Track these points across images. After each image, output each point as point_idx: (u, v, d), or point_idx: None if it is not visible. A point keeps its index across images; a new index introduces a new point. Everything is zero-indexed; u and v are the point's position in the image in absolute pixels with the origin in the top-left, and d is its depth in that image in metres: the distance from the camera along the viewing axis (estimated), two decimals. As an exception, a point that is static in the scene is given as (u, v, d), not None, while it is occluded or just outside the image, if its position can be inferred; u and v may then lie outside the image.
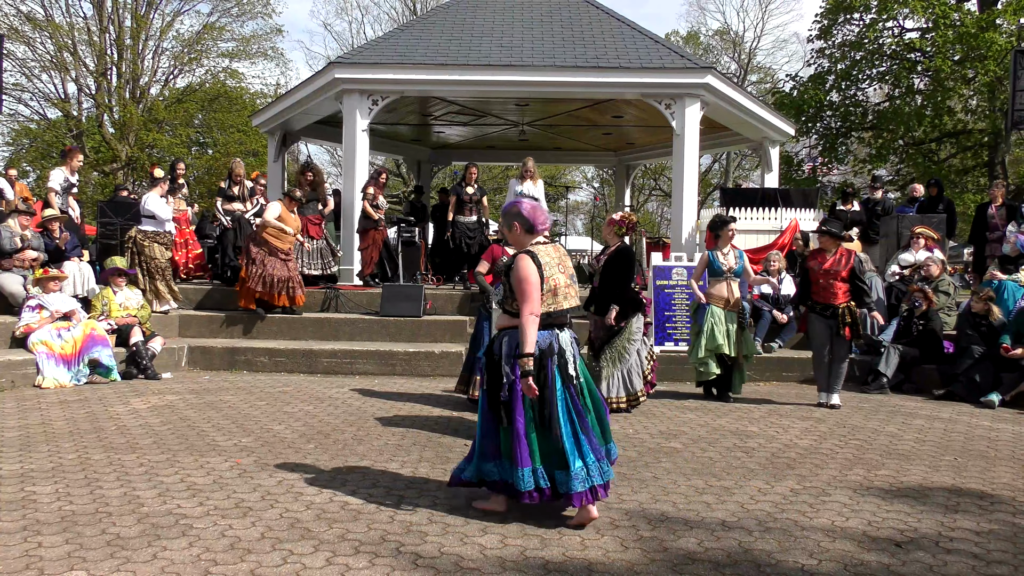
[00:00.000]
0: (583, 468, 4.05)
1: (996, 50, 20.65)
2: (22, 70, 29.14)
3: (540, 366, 4.06)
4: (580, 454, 4.07)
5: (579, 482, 4.03)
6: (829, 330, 7.74)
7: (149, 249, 10.01)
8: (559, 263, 4.16)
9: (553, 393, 4.08)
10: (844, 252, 7.72)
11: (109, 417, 6.58)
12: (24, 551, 3.64)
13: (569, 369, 4.15)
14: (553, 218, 14.62)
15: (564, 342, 4.17)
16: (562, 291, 4.12)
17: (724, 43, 42.06)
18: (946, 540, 4.06)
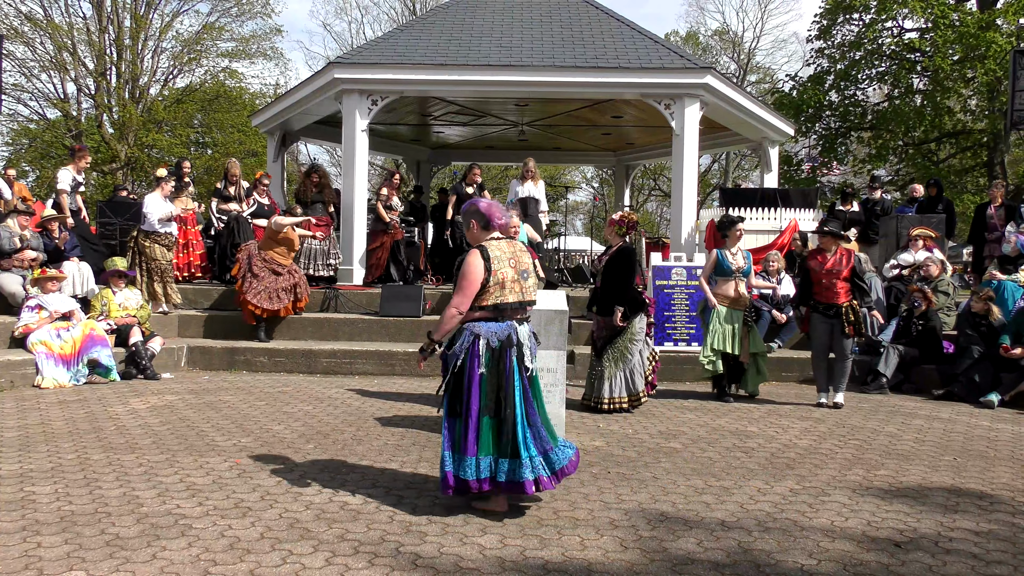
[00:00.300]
0: (528, 458, 4.19)
1: (996, 50, 20.66)
2: (21, 70, 29.14)
3: (500, 357, 4.22)
4: (526, 445, 4.21)
5: (528, 471, 4.17)
6: (831, 330, 7.77)
7: (150, 250, 10.00)
8: (511, 258, 4.28)
9: (511, 384, 4.23)
10: (844, 252, 7.76)
11: (108, 417, 6.58)
12: (23, 551, 3.64)
13: (526, 361, 4.31)
14: (552, 218, 14.62)
15: (522, 335, 4.31)
16: (508, 285, 4.23)
17: (723, 43, 42.07)
18: (945, 540, 4.06)
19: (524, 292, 4.32)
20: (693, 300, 9.66)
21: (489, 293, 4.20)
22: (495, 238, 4.34)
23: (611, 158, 19.47)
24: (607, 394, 7.19)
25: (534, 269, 4.47)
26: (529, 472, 4.17)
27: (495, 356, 4.21)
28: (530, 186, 11.92)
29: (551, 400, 6.02)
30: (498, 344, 4.22)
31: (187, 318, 10.27)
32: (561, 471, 4.32)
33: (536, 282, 4.49)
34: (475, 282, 4.17)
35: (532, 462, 4.20)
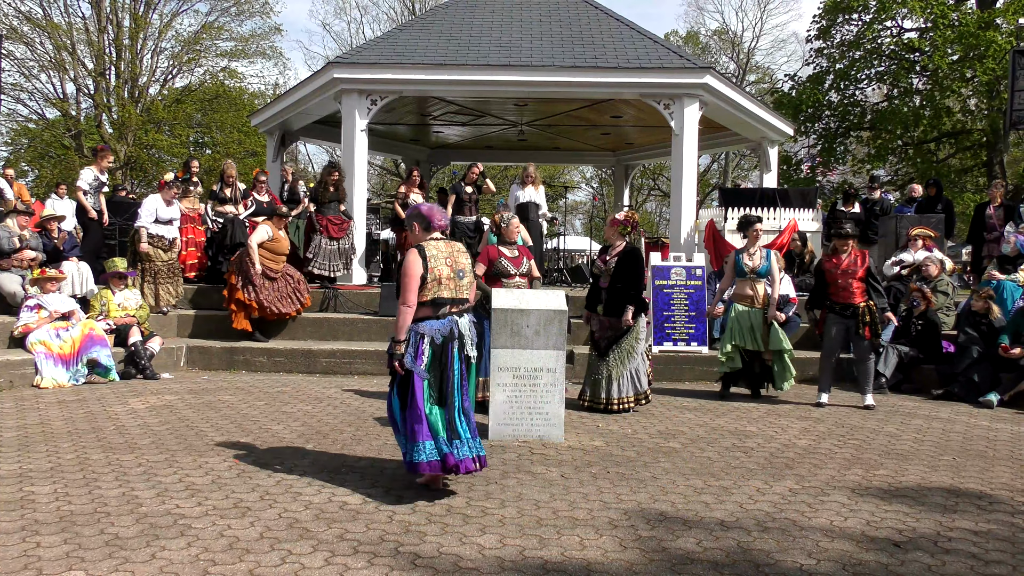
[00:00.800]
0: (467, 440, 4.62)
1: (995, 50, 20.67)
2: (21, 70, 29.15)
3: (442, 350, 4.60)
4: (462, 428, 4.64)
5: (469, 449, 4.60)
6: (847, 331, 7.76)
7: (140, 246, 9.93)
8: (447, 257, 4.63)
9: (451, 373, 4.63)
10: (858, 252, 7.79)
11: (108, 417, 6.58)
12: (22, 551, 3.64)
13: (467, 350, 4.71)
14: (551, 216, 14.62)
15: (463, 327, 4.70)
16: (444, 281, 4.59)
17: (722, 43, 42.09)
18: (944, 540, 4.06)
19: (458, 290, 4.67)
20: (692, 300, 9.66)
21: (428, 289, 4.55)
22: (434, 238, 4.70)
23: (610, 158, 19.47)
24: (616, 394, 7.20)
25: (472, 269, 4.83)
26: (468, 451, 4.59)
27: (437, 352, 4.59)
28: (530, 191, 11.93)
29: (550, 400, 6.04)
30: (441, 340, 4.60)
31: (186, 318, 10.27)
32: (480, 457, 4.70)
33: (472, 281, 4.82)
34: (415, 277, 4.51)
35: (469, 444, 4.62)
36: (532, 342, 6.01)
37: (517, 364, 6.02)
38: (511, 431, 6.04)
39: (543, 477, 5.06)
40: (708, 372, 9.25)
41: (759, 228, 8.28)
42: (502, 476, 5.06)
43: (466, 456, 4.56)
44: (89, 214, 10.54)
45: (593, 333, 7.41)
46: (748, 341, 8.06)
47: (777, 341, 8.04)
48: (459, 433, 4.60)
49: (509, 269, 7.06)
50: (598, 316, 7.35)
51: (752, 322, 8.07)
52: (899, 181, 25.67)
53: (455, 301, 4.65)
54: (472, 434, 4.68)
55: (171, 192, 10.29)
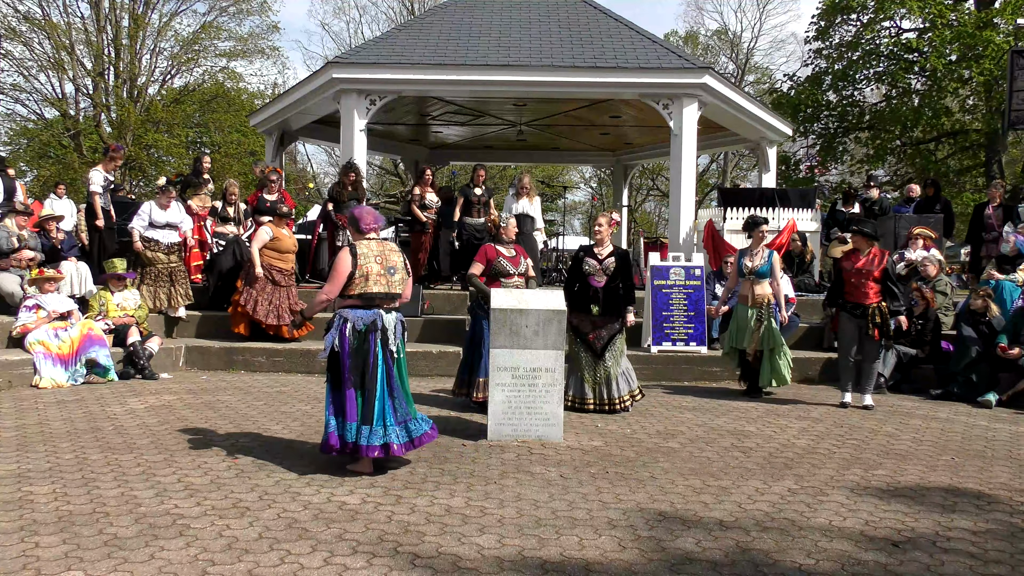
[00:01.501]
0: (382, 428, 4.95)
1: (993, 50, 20.68)
2: (20, 70, 29.13)
3: (363, 339, 4.98)
4: (383, 416, 4.97)
5: (377, 438, 4.92)
6: (859, 330, 7.73)
7: (145, 257, 9.82)
8: (378, 256, 5.07)
9: (374, 362, 4.98)
10: (877, 252, 7.74)
11: (106, 417, 6.57)
12: (21, 551, 3.64)
13: (390, 344, 5.05)
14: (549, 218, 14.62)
15: (388, 322, 5.05)
16: (374, 277, 4.99)
17: (722, 43, 42.09)
18: (943, 540, 4.06)
19: (390, 285, 5.08)
20: (691, 300, 9.66)
21: (356, 283, 4.96)
22: (367, 238, 5.17)
23: (609, 158, 19.47)
24: (616, 393, 7.22)
25: (404, 266, 5.21)
26: (393, 437, 4.96)
27: (360, 338, 4.96)
28: (525, 203, 11.92)
29: (549, 400, 6.04)
30: (363, 327, 4.98)
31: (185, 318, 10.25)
32: (417, 440, 5.13)
33: (404, 278, 5.20)
34: (342, 273, 4.96)
35: (389, 430, 4.96)
36: (531, 342, 6.01)
37: (516, 364, 6.02)
38: (510, 431, 6.04)
39: (542, 477, 5.06)
40: (707, 372, 9.25)
41: (764, 230, 8.39)
42: (501, 476, 5.06)
43: (375, 443, 4.90)
44: (98, 219, 10.33)
45: (586, 334, 7.29)
46: (743, 340, 8.18)
47: (770, 339, 8.06)
48: (371, 419, 4.93)
49: (508, 269, 7.05)
50: (590, 317, 7.27)
51: (749, 322, 8.12)
52: (897, 181, 25.68)
53: (387, 296, 5.07)
54: (393, 421, 5.00)
55: (167, 196, 10.09)
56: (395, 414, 5.04)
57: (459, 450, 5.73)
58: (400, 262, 5.18)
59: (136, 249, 9.77)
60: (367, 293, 4.99)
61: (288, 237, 9.91)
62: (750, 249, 8.35)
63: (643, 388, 7.62)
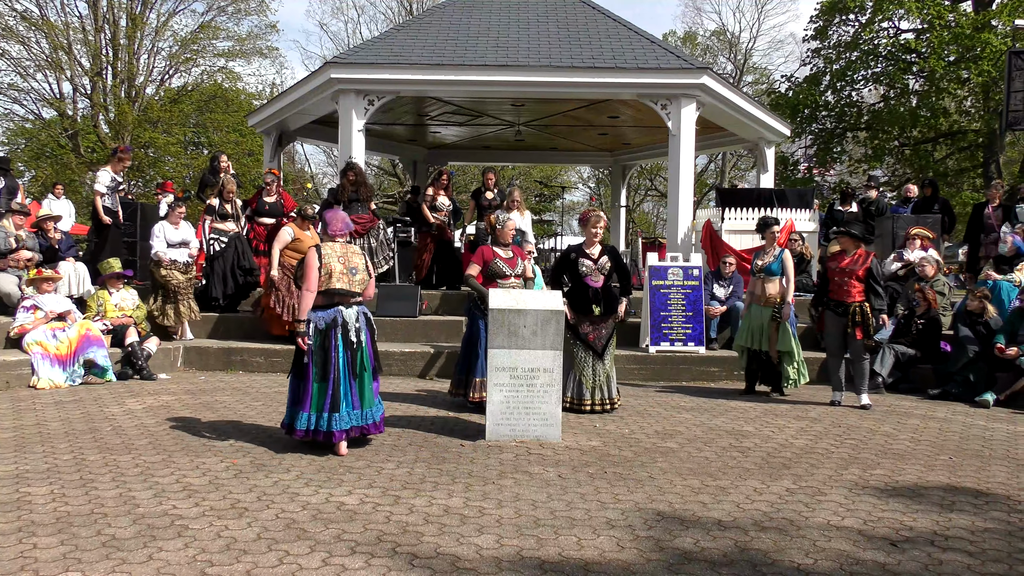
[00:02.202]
0: (347, 413, 5.48)
1: (990, 51, 20.71)
2: (17, 69, 29.10)
3: (325, 336, 5.49)
4: (346, 402, 5.48)
5: (343, 423, 5.46)
6: (843, 328, 7.78)
7: (166, 279, 9.67)
8: (340, 256, 5.60)
9: (336, 355, 5.48)
10: (863, 253, 7.82)
11: (104, 418, 6.57)
12: (19, 552, 3.63)
13: (351, 336, 5.53)
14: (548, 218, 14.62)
15: (348, 316, 5.56)
16: (336, 275, 5.51)
17: (720, 43, 42.12)
18: (941, 539, 4.07)
19: (351, 284, 5.59)
20: (689, 300, 9.67)
21: (320, 281, 5.49)
22: (335, 241, 5.69)
23: (607, 158, 19.48)
24: (612, 393, 7.28)
25: (365, 268, 5.72)
26: (345, 423, 5.47)
27: (322, 335, 5.48)
28: (516, 216, 11.92)
29: (547, 400, 6.03)
30: (324, 326, 5.50)
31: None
32: (373, 426, 5.68)
33: (364, 278, 5.69)
34: (312, 268, 5.49)
35: (353, 415, 5.53)
36: (529, 342, 6.01)
37: (514, 364, 6.02)
38: (508, 431, 6.04)
39: (540, 477, 5.06)
40: (705, 372, 9.26)
41: (775, 230, 8.45)
42: (499, 476, 5.06)
43: (341, 428, 5.44)
44: (101, 219, 10.31)
45: (586, 335, 7.25)
46: (755, 340, 8.20)
47: (784, 342, 8.05)
48: (339, 406, 5.45)
49: (504, 270, 7.04)
50: (590, 317, 7.23)
51: (761, 320, 8.15)
52: (895, 182, 25.71)
53: (348, 293, 5.57)
54: (354, 406, 5.54)
55: (177, 214, 9.98)
56: (356, 400, 5.57)
57: (457, 450, 5.73)
58: (362, 264, 5.71)
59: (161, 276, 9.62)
60: (330, 289, 5.51)
61: (311, 239, 9.73)
62: (763, 250, 8.42)
63: (642, 388, 7.63)
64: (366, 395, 5.64)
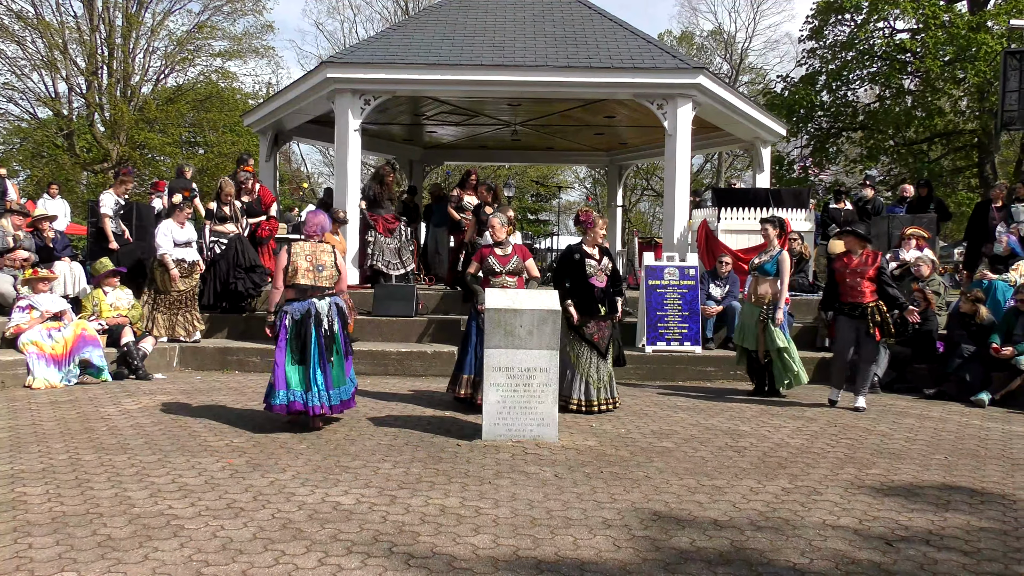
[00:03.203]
0: (318, 392, 6.12)
1: (986, 51, 20.75)
2: (12, 69, 29.02)
3: (301, 324, 6.14)
4: (317, 382, 6.11)
5: (317, 399, 6.10)
6: (856, 330, 7.64)
7: (161, 280, 9.43)
8: (308, 255, 6.28)
9: (309, 341, 6.10)
10: (870, 253, 7.71)
11: (100, 418, 6.56)
12: (14, 552, 3.63)
13: (324, 325, 6.15)
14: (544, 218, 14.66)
15: (320, 308, 6.19)
16: (302, 272, 6.21)
17: (716, 43, 42.18)
18: (937, 538, 4.08)
19: (317, 279, 6.25)
20: (685, 300, 9.67)
21: (288, 276, 6.19)
22: (307, 241, 6.35)
23: (604, 158, 19.47)
24: (614, 393, 7.32)
25: (333, 265, 6.34)
26: (317, 400, 6.09)
27: (298, 325, 6.14)
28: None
29: (544, 400, 6.03)
30: (299, 316, 6.15)
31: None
32: (344, 403, 6.32)
33: (331, 274, 6.32)
34: (281, 266, 6.23)
35: (320, 395, 6.11)
36: (525, 342, 6.01)
37: (510, 364, 6.02)
38: (504, 431, 6.03)
39: (537, 477, 5.06)
40: (702, 372, 9.27)
41: (767, 227, 8.41)
42: (496, 476, 5.06)
43: (315, 404, 6.09)
44: (110, 243, 10.15)
45: (592, 335, 7.24)
46: (747, 339, 8.23)
47: (771, 340, 8.07)
48: (311, 386, 6.09)
49: (495, 267, 7.02)
50: (594, 318, 7.21)
51: (752, 320, 8.16)
52: (891, 181, 25.76)
53: (314, 288, 6.23)
54: (327, 386, 6.17)
55: (183, 214, 9.76)
56: (327, 381, 6.18)
57: (454, 450, 5.73)
58: (330, 262, 6.33)
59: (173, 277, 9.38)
60: (297, 285, 6.20)
61: (340, 242, 9.62)
62: (765, 249, 8.41)
63: (638, 387, 7.64)
64: (338, 376, 6.28)
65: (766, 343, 8.11)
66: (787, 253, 8.47)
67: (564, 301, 7.08)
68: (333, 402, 6.22)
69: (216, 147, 32.03)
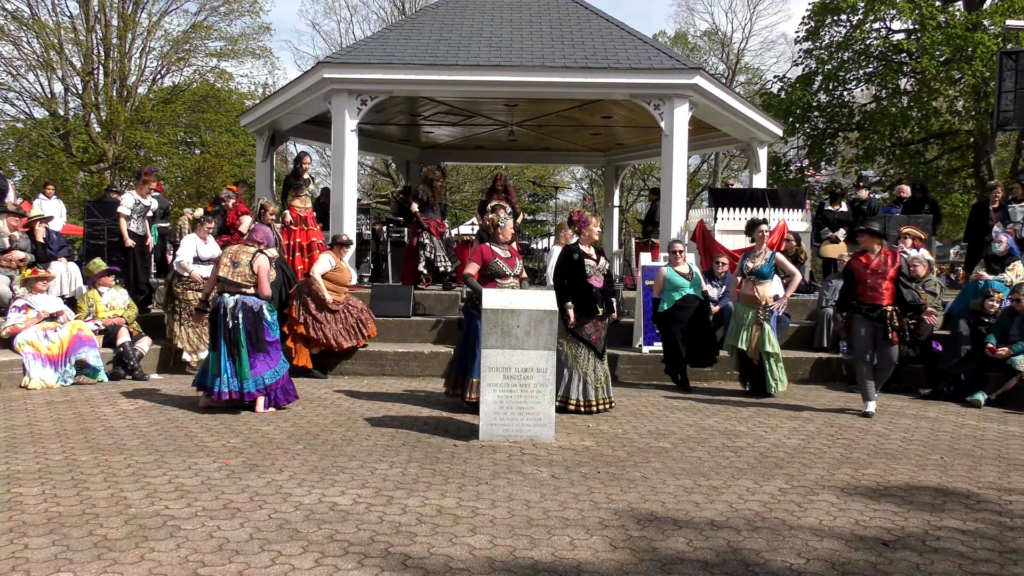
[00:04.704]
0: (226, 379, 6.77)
1: (982, 51, 20.78)
2: (8, 69, 28.95)
3: (215, 315, 6.88)
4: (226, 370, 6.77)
5: (221, 385, 6.76)
6: (875, 332, 7.42)
7: (182, 294, 9.12)
8: (232, 255, 6.98)
9: (218, 332, 6.84)
10: (889, 251, 7.47)
11: (96, 418, 6.55)
12: (10, 553, 3.62)
13: (227, 319, 6.79)
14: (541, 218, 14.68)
15: (227, 303, 6.84)
16: (224, 269, 6.91)
17: (712, 44, 42.20)
18: (932, 539, 4.08)
19: (230, 274, 6.91)
20: None
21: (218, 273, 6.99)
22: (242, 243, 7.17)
23: (600, 158, 19.49)
24: (610, 392, 7.33)
25: (248, 264, 6.92)
26: (222, 386, 6.74)
27: (213, 315, 6.90)
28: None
29: (541, 400, 6.03)
30: (214, 307, 6.90)
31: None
32: (248, 395, 6.82)
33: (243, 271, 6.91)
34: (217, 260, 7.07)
35: (230, 381, 6.77)
36: (522, 342, 6.01)
37: (507, 364, 6.02)
38: (501, 431, 6.04)
39: (533, 477, 5.06)
40: (698, 372, 9.26)
41: (763, 230, 8.42)
42: (492, 476, 5.06)
43: (220, 389, 6.74)
44: (126, 242, 9.99)
45: (589, 336, 7.27)
46: (742, 340, 8.23)
47: (763, 343, 8.10)
48: (221, 372, 6.74)
49: (504, 269, 7.07)
50: (592, 318, 7.24)
51: (746, 321, 8.18)
52: (887, 182, 25.79)
53: (227, 283, 6.90)
54: (232, 375, 6.77)
55: (205, 228, 9.46)
56: (233, 370, 6.78)
57: (450, 450, 5.73)
58: (245, 260, 6.93)
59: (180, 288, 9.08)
60: (219, 278, 6.94)
61: (346, 269, 9.28)
62: (753, 250, 8.41)
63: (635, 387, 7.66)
64: (243, 369, 6.79)
65: (759, 345, 8.12)
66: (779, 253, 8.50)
67: (564, 302, 7.11)
68: (237, 388, 6.80)
69: (213, 147, 31.99)
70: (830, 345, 9.92)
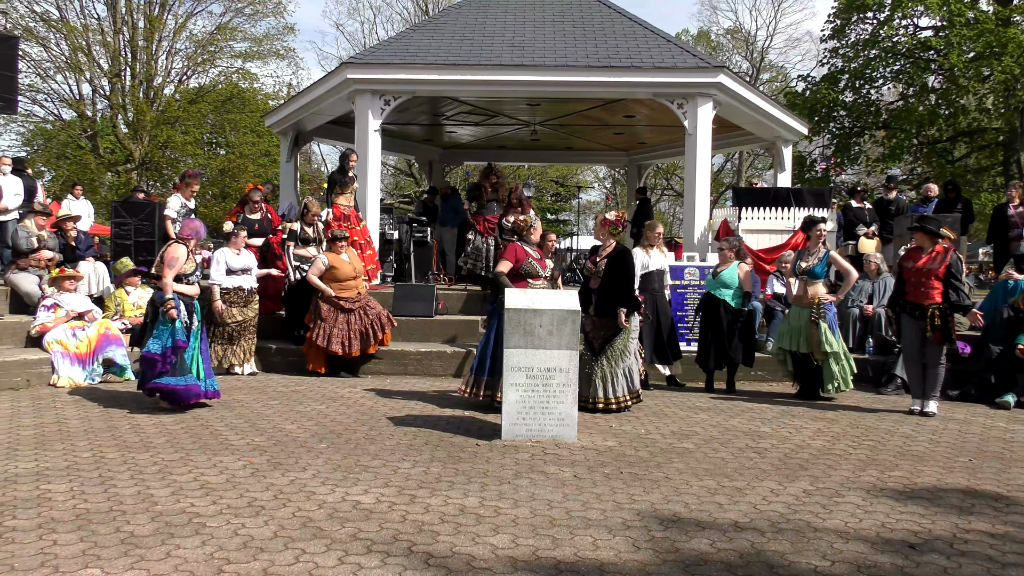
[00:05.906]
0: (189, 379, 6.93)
1: (1014, 47, 20.47)
2: (37, 71, 29.37)
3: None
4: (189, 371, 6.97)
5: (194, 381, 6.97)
6: (920, 332, 7.33)
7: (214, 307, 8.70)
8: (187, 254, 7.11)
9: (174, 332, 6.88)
10: (940, 250, 7.33)
11: (123, 416, 6.63)
12: (39, 549, 3.67)
13: (183, 319, 6.91)
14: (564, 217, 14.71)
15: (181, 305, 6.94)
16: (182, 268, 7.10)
17: (736, 42, 41.93)
18: (960, 542, 4.03)
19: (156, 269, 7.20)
20: None
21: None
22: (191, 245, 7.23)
23: (623, 158, 19.43)
24: (612, 394, 7.19)
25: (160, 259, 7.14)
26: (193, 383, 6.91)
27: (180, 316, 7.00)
28: (657, 255, 12.06)
29: (563, 400, 6.02)
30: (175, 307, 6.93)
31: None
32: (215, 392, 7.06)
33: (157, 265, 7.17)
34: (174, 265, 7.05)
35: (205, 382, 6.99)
36: (545, 342, 6.01)
37: (530, 364, 6.01)
38: (524, 431, 6.03)
39: (556, 477, 5.06)
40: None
41: (821, 228, 8.25)
42: (515, 476, 5.06)
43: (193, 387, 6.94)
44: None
45: (587, 333, 7.32)
46: (795, 343, 8.12)
47: (824, 343, 7.97)
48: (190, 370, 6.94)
49: (538, 270, 7.15)
50: (590, 316, 7.29)
51: (800, 322, 8.11)
52: (915, 180, 25.50)
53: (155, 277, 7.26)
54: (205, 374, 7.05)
55: (238, 241, 9.01)
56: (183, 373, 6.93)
57: (473, 450, 5.73)
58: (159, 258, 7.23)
59: (216, 309, 8.69)
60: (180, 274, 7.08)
61: (346, 262, 8.96)
62: (808, 250, 8.29)
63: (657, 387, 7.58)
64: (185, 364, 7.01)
65: (819, 345, 8.00)
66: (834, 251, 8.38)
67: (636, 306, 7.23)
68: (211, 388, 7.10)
69: (237, 148, 32.27)
70: (856, 346, 9.81)
